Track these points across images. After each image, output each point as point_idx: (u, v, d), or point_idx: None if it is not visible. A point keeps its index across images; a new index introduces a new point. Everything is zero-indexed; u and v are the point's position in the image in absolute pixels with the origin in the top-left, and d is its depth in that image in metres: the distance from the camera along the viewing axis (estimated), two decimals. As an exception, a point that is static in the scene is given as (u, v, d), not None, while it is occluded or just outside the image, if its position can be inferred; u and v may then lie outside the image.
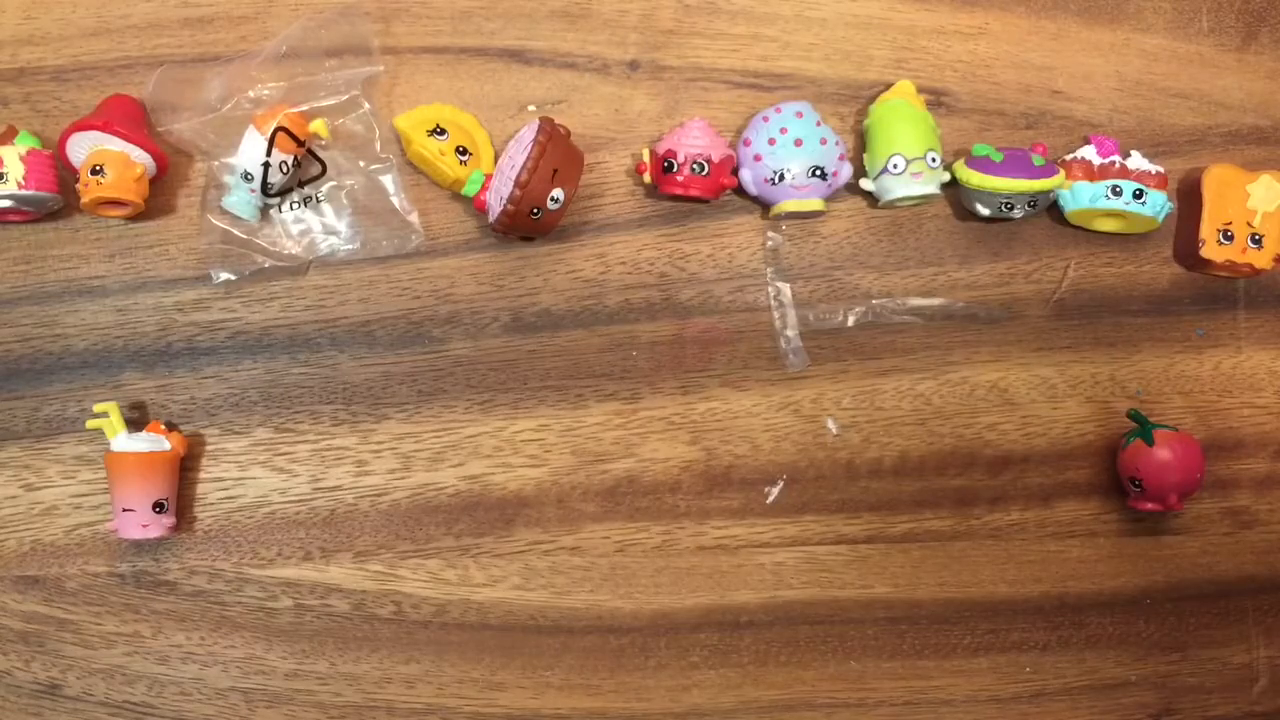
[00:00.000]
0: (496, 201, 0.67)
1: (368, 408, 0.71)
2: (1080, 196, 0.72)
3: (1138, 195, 0.71)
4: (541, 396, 0.72)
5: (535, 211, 0.65)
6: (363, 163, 0.71)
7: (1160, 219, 0.73)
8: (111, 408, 0.67)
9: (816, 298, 0.74)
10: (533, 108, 0.73)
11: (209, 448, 0.70)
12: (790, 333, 0.73)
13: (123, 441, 0.66)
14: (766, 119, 0.71)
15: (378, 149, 0.71)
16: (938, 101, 0.75)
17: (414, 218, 0.71)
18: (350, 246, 0.71)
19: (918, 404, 0.74)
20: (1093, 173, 0.72)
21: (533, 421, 0.72)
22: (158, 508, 0.66)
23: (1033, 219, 0.75)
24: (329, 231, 0.71)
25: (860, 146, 0.74)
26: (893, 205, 0.74)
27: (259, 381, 0.70)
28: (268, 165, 0.67)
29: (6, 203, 0.66)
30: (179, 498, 0.69)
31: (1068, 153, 0.74)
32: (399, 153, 0.71)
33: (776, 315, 0.73)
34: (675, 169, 0.70)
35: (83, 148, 0.67)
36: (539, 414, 0.72)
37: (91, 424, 0.67)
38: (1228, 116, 0.77)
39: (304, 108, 0.69)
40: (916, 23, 0.76)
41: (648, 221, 0.73)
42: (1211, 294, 0.76)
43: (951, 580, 0.74)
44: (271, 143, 0.67)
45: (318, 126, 0.69)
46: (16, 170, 0.65)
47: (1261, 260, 0.73)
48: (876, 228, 0.75)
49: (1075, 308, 0.75)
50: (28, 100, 0.70)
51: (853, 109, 0.75)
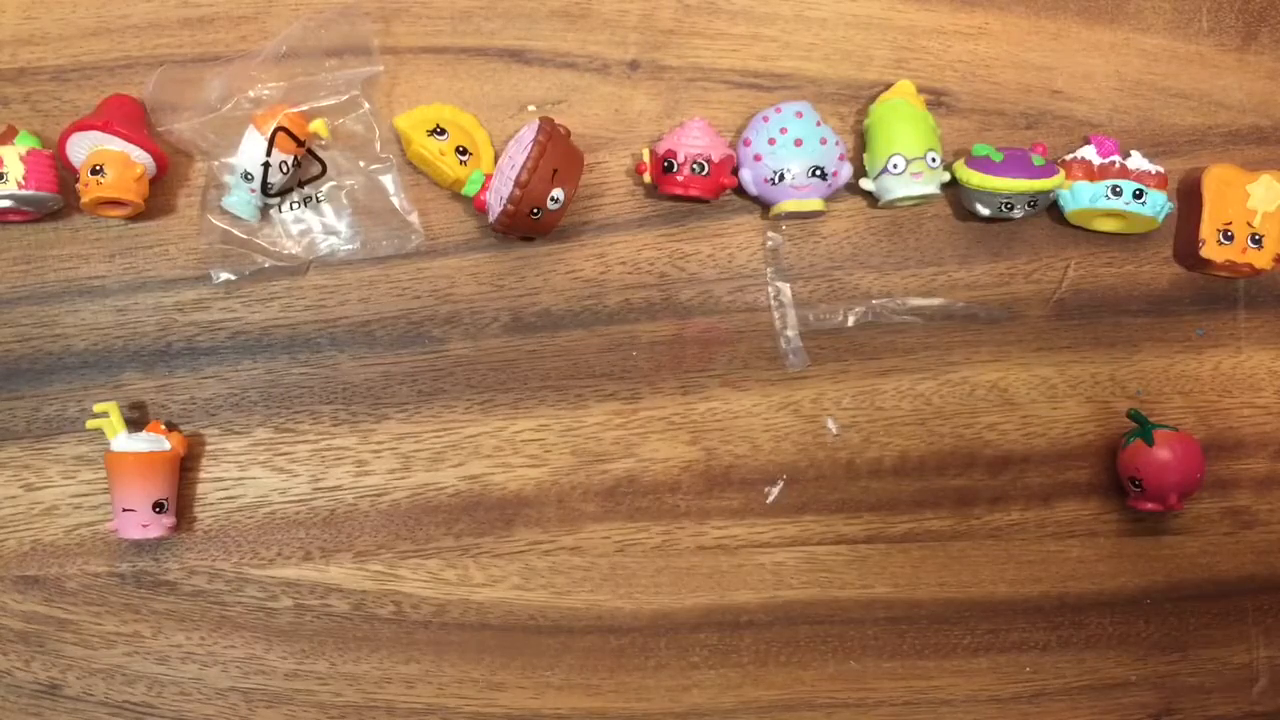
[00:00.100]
0: (496, 201, 0.67)
1: (368, 408, 0.71)
2: (1080, 196, 0.72)
3: (1138, 195, 0.71)
4: (541, 396, 0.72)
5: (535, 211, 0.65)
6: (363, 163, 0.71)
7: (1160, 219, 0.73)
8: (111, 408, 0.67)
9: (816, 298, 0.74)
10: (533, 108, 0.73)
11: (209, 448, 0.70)
12: (790, 333, 0.73)
13: (123, 441, 0.66)
14: (766, 119, 0.71)
15: (378, 149, 0.71)
16: (938, 101, 0.75)
17: (414, 218, 0.71)
18: (350, 246, 0.71)
19: (918, 404, 0.74)
20: (1093, 173, 0.72)
21: (533, 421, 0.72)
22: (158, 508, 0.66)
23: (1033, 219, 0.75)
24: (329, 231, 0.71)
25: (860, 146, 0.74)
26: (893, 205, 0.74)
27: (259, 381, 0.70)
28: (268, 165, 0.67)
29: (6, 203, 0.66)
30: (179, 498, 0.69)
31: (1068, 153, 0.74)
32: (399, 153, 0.71)
33: (776, 315, 0.73)
34: (675, 169, 0.70)
35: (83, 148, 0.67)
36: (539, 414, 0.72)
37: (91, 424, 0.67)
38: (1228, 116, 0.77)
39: (304, 108, 0.69)
40: (916, 23, 0.76)
41: (648, 221, 0.73)
42: (1211, 294, 0.76)
43: (951, 580, 0.74)
44: (271, 143, 0.67)
45: (318, 126, 0.69)
46: (16, 170, 0.65)
47: (1261, 260, 0.73)
48: (876, 228, 0.75)
49: (1075, 308, 0.75)
50: (28, 100, 0.70)
51: (853, 109, 0.75)
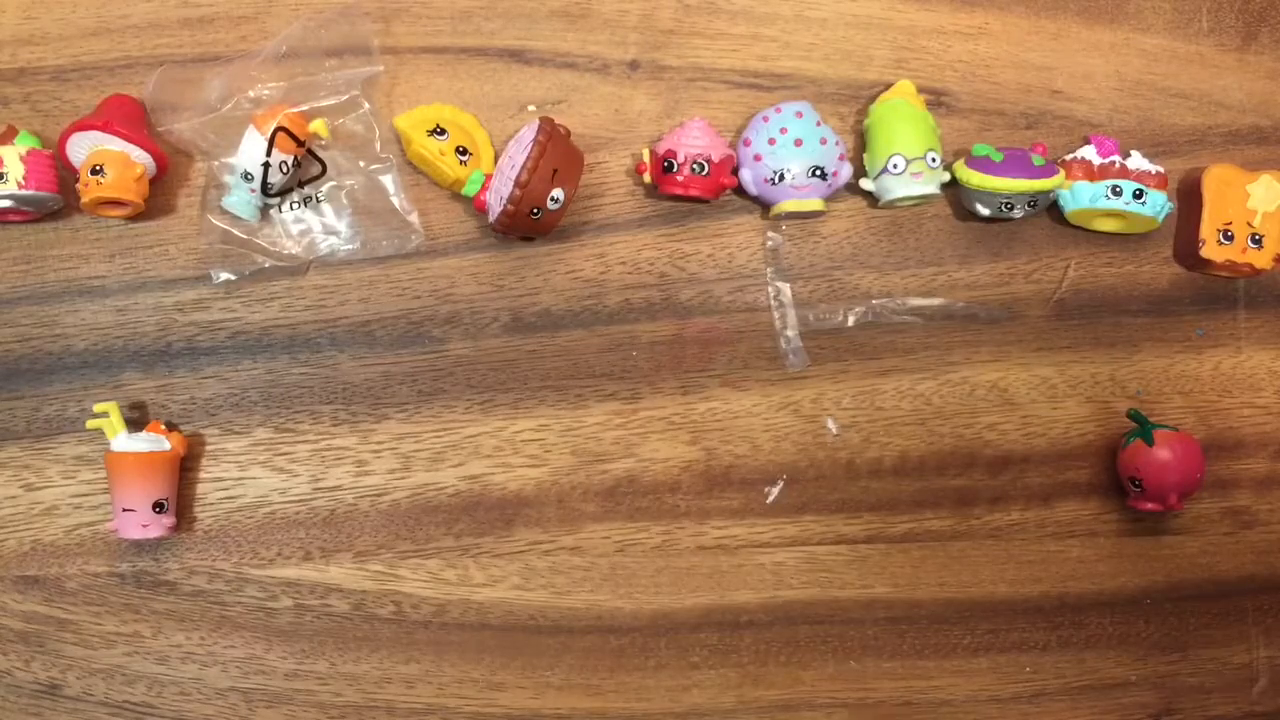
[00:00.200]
0: (496, 201, 0.67)
1: (368, 408, 0.71)
2: (1080, 196, 0.72)
3: (1138, 195, 0.71)
4: (541, 396, 0.72)
5: (535, 211, 0.65)
6: (363, 163, 0.71)
7: (1160, 219, 0.73)
8: (111, 408, 0.67)
9: (816, 298, 0.74)
10: (533, 108, 0.73)
11: (209, 448, 0.70)
12: (790, 333, 0.73)
13: (123, 441, 0.66)
14: (766, 119, 0.71)
15: (378, 149, 0.71)
16: (938, 101, 0.75)
17: (414, 218, 0.71)
18: (350, 246, 0.71)
19: (918, 404, 0.74)
20: (1093, 173, 0.72)
21: (533, 421, 0.72)
22: (158, 508, 0.66)
23: (1033, 219, 0.75)
24: (329, 231, 0.71)
25: (860, 146, 0.74)
26: (893, 205, 0.74)
27: (259, 381, 0.70)
28: (268, 165, 0.67)
29: (6, 203, 0.66)
30: (179, 498, 0.69)
31: (1068, 153, 0.74)
32: (399, 153, 0.71)
33: (776, 315, 0.73)
34: (675, 169, 0.70)
35: (83, 148, 0.67)
36: (539, 414, 0.72)
37: (91, 424, 0.67)
38: (1228, 116, 0.77)
39: (304, 108, 0.69)
40: (916, 23, 0.76)
41: (648, 221, 0.73)
42: (1211, 294, 0.76)
43: (951, 580, 0.74)
44: (271, 143, 0.67)
45: (318, 126, 0.69)
46: (16, 170, 0.65)
47: (1261, 260, 0.73)
48: (876, 228, 0.75)
49: (1075, 308, 0.75)
50: (28, 100, 0.70)
51: (853, 109, 0.75)
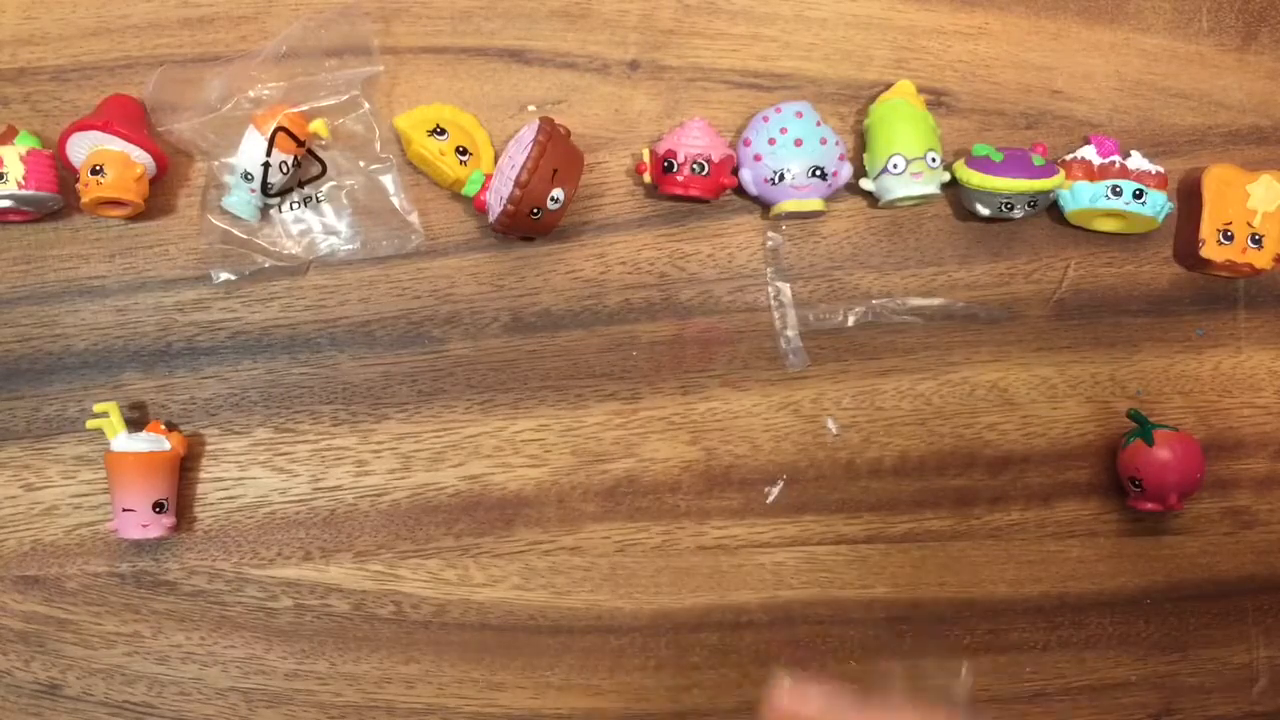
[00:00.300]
0: (496, 201, 0.67)
1: (368, 408, 0.71)
2: (1080, 196, 0.72)
3: (1138, 195, 0.71)
4: (541, 396, 0.72)
5: (535, 211, 0.65)
6: (363, 163, 0.71)
7: (1160, 219, 0.73)
8: (111, 408, 0.67)
9: (816, 298, 0.74)
10: (533, 108, 0.73)
11: (209, 448, 0.70)
12: (790, 333, 0.73)
13: (123, 441, 0.66)
14: (766, 119, 0.71)
15: (378, 149, 0.71)
16: (938, 101, 0.75)
17: (414, 218, 0.71)
18: (350, 246, 0.71)
19: (918, 404, 0.74)
20: (1093, 173, 0.72)
21: (533, 421, 0.72)
22: (158, 508, 0.66)
23: (1033, 219, 0.75)
24: (329, 231, 0.70)
25: (860, 146, 0.74)
26: (893, 205, 0.74)
27: (259, 381, 0.70)
28: (268, 165, 0.67)
29: (6, 203, 0.66)
30: (179, 498, 0.69)
31: (1068, 153, 0.74)
32: (399, 153, 0.71)
33: (776, 315, 0.73)
34: (675, 169, 0.70)
35: (83, 148, 0.67)
36: (539, 414, 0.72)
37: (91, 424, 0.67)
38: (1228, 116, 0.77)
39: (304, 108, 0.69)
40: (916, 23, 0.76)
41: (648, 221, 0.73)
42: (1211, 294, 0.76)
43: (951, 580, 0.74)
44: (271, 143, 0.66)
45: (318, 126, 0.69)
46: (16, 170, 0.65)
47: (1261, 260, 0.73)
48: (876, 228, 0.75)
49: (1075, 308, 0.75)
50: (28, 100, 0.70)
51: (853, 109, 0.75)
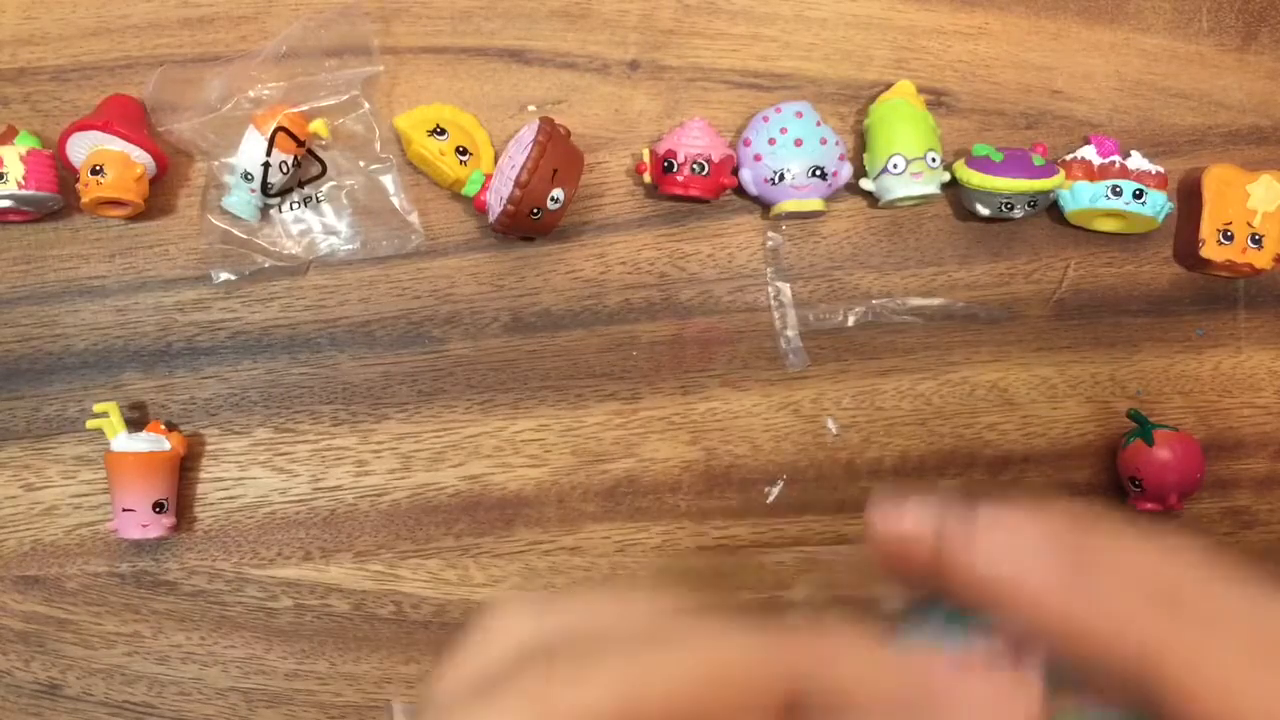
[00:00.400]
0: (496, 201, 0.67)
1: (368, 408, 0.71)
2: (1080, 196, 0.72)
3: (1138, 195, 0.71)
4: (541, 396, 0.72)
5: (535, 211, 0.65)
6: (363, 163, 0.71)
7: (1160, 219, 0.73)
8: (111, 408, 0.67)
9: (816, 298, 0.74)
10: (533, 108, 0.73)
11: (209, 448, 0.70)
12: (790, 333, 0.73)
13: (123, 441, 0.66)
14: (766, 119, 0.71)
15: (378, 149, 0.71)
16: (938, 101, 0.75)
17: (414, 218, 0.71)
18: (350, 246, 0.71)
19: (918, 404, 0.74)
20: (1093, 173, 0.72)
21: (533, 421, 0.72)
22: (158, 508, 0.66)
23: (1033, 219, 0.75)
24: (329, 231, 0.70)
25: (860, 146, 0.74)
26: (893, 205, 0.74)
27: (259, 381, 0.70)
28: (268, 165, 0.67)
29: (6, 203, 0.66)
30: (179, 498, 0.69)
31: (1068, 153, 0.74)
32: (399, 153, 0.71)
33: (776, 315, 0.73)
34: (675, 169, 0.70)
35: (83, 148, 0.66)
36: (539, 414, 0.72)
37: (91, 424, 0.67)
38: (1228, 116, 0.77)
39: (304, 108, 0.69)
40: (916, 23, 0.76)
41: (648, 221, 0.73)
42: (1211, 294, 0.76)
43: (951, 580, 0.73)
44: (271, 143, 0.66)
45: (318, 126, 0.69)
46: (16, 170, 0.65)
47: (1261, 260, 0.73)
48: (876, 228, 0.75)
49: (1075, 308, 0.75)
50: (28, 100, 0.70)
51: (853, 109, 0.75)
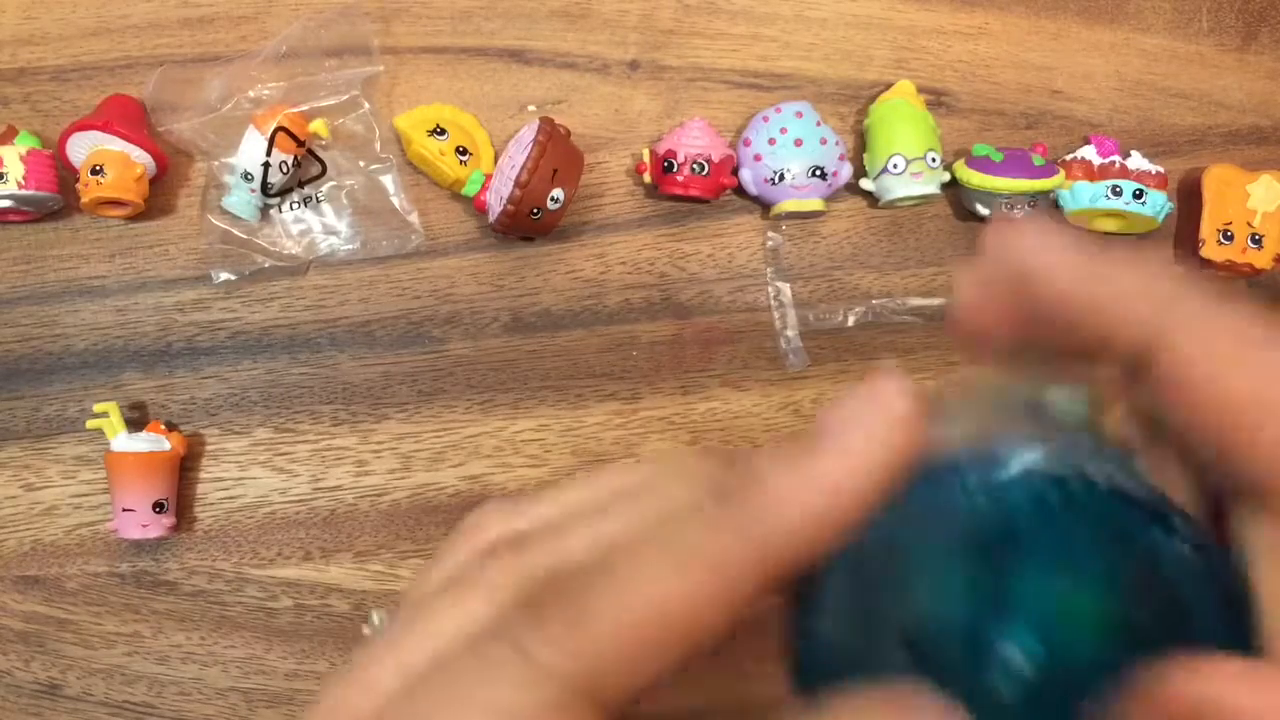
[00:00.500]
0: (496, 201, 0.67)
1: (368, 408, 0.71)
2: (1080, 196, 0.72)
3: (1138, 195, 0.71)
4: (541, 396, 0.72)
5: (535, 211, 0.65)
6: (363, 163, 0.71)
7: (1160, 219, 0.73)
8: (111, 408, 0.67)
9: (816, 298, 0.74)
10: (533, 108, 0.73)
11: (209, 448, 0.70)
12: (790, 333, 0.73)
13: (123, 441, 0.66)
14: (766, 119, 0.71)
15: (378, 149, 0.71)
16: (938, 101, 0.75)
17: (414, 218, 0.71)
18: (350, 246, 0.71)
19: (918, 404, 0.74)
20: (1093, 173, 0.72)
21: (533, 421, 0.72)
22: (158, 508, 0.66)
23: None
24: (329, 231, 0.70)
25: (860, 146, 0.74)
26: (893, 205, 0.74)
27: (259, 381, 0.70)
28: (268, 165, 0.67)
29: (6, 203, 0.66)
30: (179, 498, 0.69)
31: (1068, 153, 0.74)
32: (399, 153, 0.71)
33: (776, 315, 0.73)
34: (675, 169, 0.70)
35: (83, 148, 0.66)
36: (539, 414, 0.72)
37: (91, 424, 0.67)
38: (1228, 116, 0.77)
39: (304, 108, 0.69)
40: (916, 23, 0.76)
41: (648, 221, 0.73)
42: (1211, 294, 0.76)
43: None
44: (271, 143, 0.66)
45: (318, 126, 0.69)
46: (16, 170, 0.65)
47: (1261, 260, 0.73)
48: (876, 228, 0.75)
49: (1075, 308, 0.75)
50: (28, 100, 0.70)
51: (853, 109, 0.75)
